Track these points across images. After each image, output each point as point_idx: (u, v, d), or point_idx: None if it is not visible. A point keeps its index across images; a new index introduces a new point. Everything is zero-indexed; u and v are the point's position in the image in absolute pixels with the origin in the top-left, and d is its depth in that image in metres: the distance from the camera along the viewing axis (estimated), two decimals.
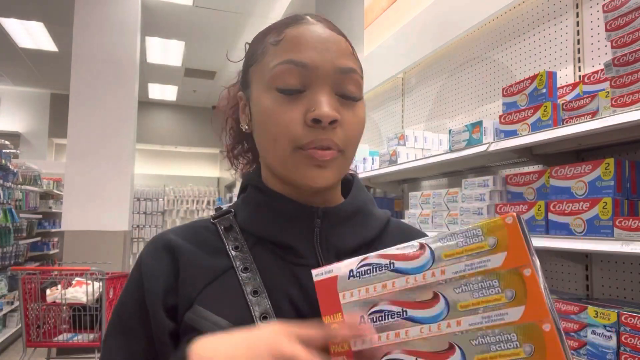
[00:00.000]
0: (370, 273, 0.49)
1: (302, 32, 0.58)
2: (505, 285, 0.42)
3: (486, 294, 0.43)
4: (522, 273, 0.42)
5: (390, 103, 3.26)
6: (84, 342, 3.20)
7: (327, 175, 0.57)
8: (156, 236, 0.63)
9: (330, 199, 0.65)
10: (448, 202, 2.05)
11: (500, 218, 0.44)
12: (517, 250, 0.42)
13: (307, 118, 0.55)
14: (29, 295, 3.21)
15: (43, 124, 9.09)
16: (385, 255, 0.49)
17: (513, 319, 0.42)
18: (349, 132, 0.58)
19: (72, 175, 4.65)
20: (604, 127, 1.23)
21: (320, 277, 0.51)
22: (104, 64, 4.82)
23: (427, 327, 0.45)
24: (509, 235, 0.43)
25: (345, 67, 0.58)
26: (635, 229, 1.19)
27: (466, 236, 0.45)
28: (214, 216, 0.65)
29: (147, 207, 10.16)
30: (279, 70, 0.57)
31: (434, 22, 2.62)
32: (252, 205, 0.64)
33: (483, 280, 0.43)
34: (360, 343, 0.47)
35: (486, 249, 0.44)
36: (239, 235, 0.61)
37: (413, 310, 0.46)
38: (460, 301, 0.44)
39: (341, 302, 0.49)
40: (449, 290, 0.45)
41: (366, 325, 0.47)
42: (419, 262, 0.46)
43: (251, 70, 0.63)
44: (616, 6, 1.32)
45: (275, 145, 0.57)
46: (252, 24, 6.01)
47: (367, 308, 0.48)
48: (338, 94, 0.58)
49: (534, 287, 0.41)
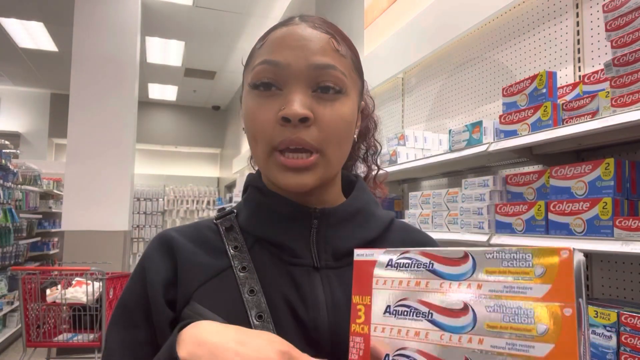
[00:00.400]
0: (408, 267, 0.49)
1: (282, 34, 0.59)
2: (540, 318, 0.40)
3: (518, 321, 0.41)
4: (562, 311, 0.39)
5: (390, 103, 3.26)
6: (84, 342, 3.20)
7: (304, 180, 0.57)
8: (160, 233, 0.64)
9: (329, 200, 0.65)
10: (448, 202, 2.05)
11: (556, 249, 0.41)
12: (564, 287, 0.40)
13: (278, 117, 0.55)
14: (29, 295, 3.20)
15: (43, 124, 9.09)
16: (428, 254, 0.48)
17: (538, 354, 0.39)
18: (326, 129, 0.57)
19: (72, 175, 4.65)
20: (604, 127, 1.23)
21: (360, 258, 0.53)
22: (104, 64, 4.82)
23: (448, 335, 0.44)
24: (560, 269, 0.40)
25: (320, 63, 0.57)
26: (635, 229, 1.19)
27: (514, 258, 0.43)
28: (217, 217, 0.66)
29: (147, 207, 10.16)
30: (256, 70, 0.58)
31: (434, 22, 2.62)
32: (252, 205, 0.65)
33: (518, 306, 0.41)
34: (380, 331, 0.48)
35: (530, 276, 0.42)
36: (238, 235, 0.62)
37: (439, 315, 0.45)
38: (489, 320, 0.42)
39: (373, 287, 0.50)
40: (481, 306, 0.43)
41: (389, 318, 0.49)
42: (459, 270, 0.46)
43: (245, 72, 0.64)
44: (616, 6, 1.32)
45: (256, 146, 0.58)
46: (252, 24, 6.01)
47: (395, 299, 0.49)
48: (316, 90, 0.57)
49: (570, 329, 0.39)
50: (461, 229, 1.87)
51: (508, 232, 1.63)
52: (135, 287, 0.60)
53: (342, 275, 0.60)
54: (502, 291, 0.43)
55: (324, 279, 0.59)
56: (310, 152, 0.57)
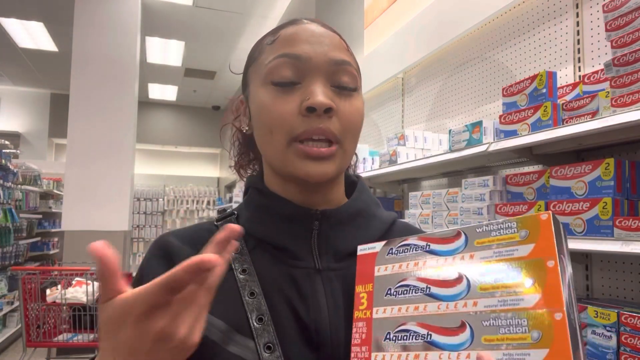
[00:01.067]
0: (407, 252, 0.53)
1: (296, 30, 0.59)
2: (527, 273, 0.44)
3: (506, 279, 0.45)
4: (545, 264, 0.43)
5: (390, 103, 3.26)
6: (84, 342, 3.20)
7: (324, 168, 0.57)
8: (158, 238, 0.64)
9: (332, 199, 0.64)
10: (448, 202, 2.05)
11: (537, 214, 0.46)
12: (545, 243, 0.44)
13: (302, 107, 0.56)
14: (29, 295, 3.21)
15: (43, 124, 9.09)
16: (424, 237, 0.52)
17: (527, 305, 0.43)
18: (346, 121, 0.58)
19: (72, 175, 4.65)
20: (604, 127, 1.23)
21: (363, 252, 0.57)
22: (104, 64, 4.82)
23: (445, 304, 0.47)
24: (541, 229, 0.45)
25: (339, 59, 0.58)
26: (635, 229, 1.19)
27: (501, 227, 0.47)
28: (218, 218, 0.66)
29: (147, 207, 10.16)
30: (273, 64, 0.58)
31: (434, 22, 2.62)
32: (253, 207, 0.64)
33: (507, 267, 0.45)
34: (382, 312, 0.51)
35: (516, 239, 0.46)
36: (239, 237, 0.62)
37: (436, 287, 0.49)
38: (481, 284, 0.46)
39: (375, 274, 0.54)
40: (473, 272, 0.47)
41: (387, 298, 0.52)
42: (453, 246, 0.50)
43: (249, 70, 0.64)
44: (616, 6, 1.32)
45: (272, 138, 0.58)
46: (252, 24, 6.01)
47: (395, 281, 0.52)
48: (333, 85, 0.58)
49: (553, 278, 0.42)
50: None
51: None
52: None
53: (344, 277, 0.60)
54: (492, 257, 0.47)
55: (325, 280, 0.59)
56: (331, 142, 0.57)
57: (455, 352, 0.45)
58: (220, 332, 0.54)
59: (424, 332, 0.47)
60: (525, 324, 0.42)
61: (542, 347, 0.40)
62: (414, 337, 0.48)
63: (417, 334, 0.48)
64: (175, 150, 10.90)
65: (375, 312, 0.51)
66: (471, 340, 0.44)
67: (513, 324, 0.43)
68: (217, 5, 5.55)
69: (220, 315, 0.55)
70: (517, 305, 0.43)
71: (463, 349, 0.44)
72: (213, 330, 0.54)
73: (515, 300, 0.43)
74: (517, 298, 0.43)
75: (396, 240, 0.54)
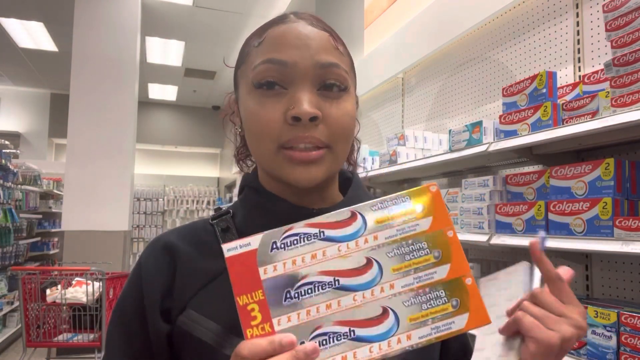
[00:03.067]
0: (297, 244, 0.45)
1: (282, 32, 0.58)
2: (433, 246, 0.46)
3: (416, 255, 0.46)
4: (446, 234, 0.47)
5: (390, 103, 3.26)
6: (84, 342, 3.20)
7: (313, 173, 0.56)
8: (155, 238, 0.63)
9: (327, 197, 0.64)
10: (448, 202, 2.05)
11: (425, 187, 0.48)
12: (441, 215, 0.47)
13: (287, 116, 0.55)
14: (29, 295, 3.21)
15: (43, 124, 9.10)
16: (314, 224, 0.46)
17: (441, 276, 0.45)
18: (334, 126, 0.57)
19: (72, 175, 4.65)
20: (604, 127, 1.23)
21: (233, 252, 0.45)
22: (104, 64, 4.82)
23: (361, 294, 0.44)
24: (434, 202, 0.48)
25: (325, 62, 0.57)
26: (635, 229, 1.19)
27: (395, 203, 0.47)
28: (213, 217, 0.65)
29: (147, 207, 10.16)
30: (259, 70, 0.57)
31: (434, 22, 2.62)
32: (248, 206, 0.64)
33: (413, 243, 0.46)
34: (285, 321, 0.43)
35: (414, 215, 0.47)
36: (235, 237, 0.61)
37: (346, 278, 0.45)
38: (393, 265, 0.45)
39: (262, 278, 0.44)
40: (382, 255, 0.46)
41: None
42: (352, 229, 0.46)
43: (238, 72, 0.63)
44: (616, 6, 1.32)
45: (260, 145, 0.58)
46: (252, 24, 6.01)
47: (293, 282, 0.44)
48: (319, 88, 0.57)
49: (457, 247, 0.46)
50: (461, 229, 1.87)
51: (508, 232, 1.63)
52: (132, 296, 0.60)
53: None
54: (397, 235, 0.46)
55: None
56: (319, 148, 0.57)
57: (386, 341, 0.43)
58: (216, 334, 0.54)
59: (345, 329, 0.43)
60: (444, 295, 0.45)
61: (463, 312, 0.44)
62: (334, 338, 0.43)
63: (337, 334, 0.43)
64: (175, 150, 10.90)
65: (277, 323, 0.43)
66: (397, 324, 0.44)
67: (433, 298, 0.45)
68: (217, 5, 5.55)
69: (218, 319, 0.55)
70: (432, 278, 0.45)
71: (392, 335, 0.43)
72: (208, 334, 0.54)
73: (429, 275, 0.45)
74: (431, 272, 0.45)
75: (276, 232, 0.45)
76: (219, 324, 0.55)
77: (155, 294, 0.58)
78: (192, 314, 0.55)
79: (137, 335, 0.58)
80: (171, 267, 0.59)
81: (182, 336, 0.56)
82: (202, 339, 0.54)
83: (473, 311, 0.44)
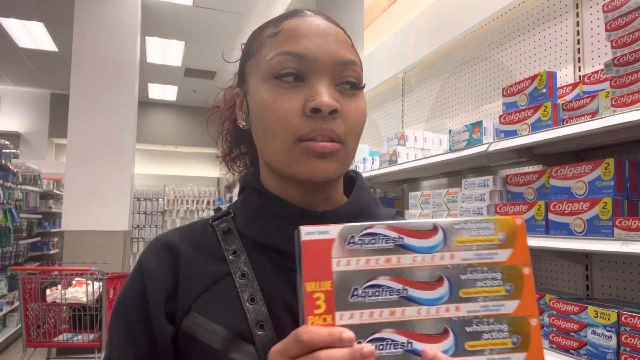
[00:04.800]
0: (374, 243, 0.44)
1: (300, 24, 0.57)
2: (507, 279, 0.45)
3: (489, 284, 0.45)
4: (522, 271, 0.46)
5: (390, 103, 3.26)
6: (84, 342, 3.21)
7: (328, 167, 0.55)
8: (156, 238, 0.62)
9: (332, 199, 0.63)
10: (448, 202, 2.05)
11: (512, 217, 0.47)
12: (522, 250, 0.46)
13: (307, 108, 0.54)
14: (29, 295, 3.21)
15: (43, 124, 9.09)
16: (395, 227, 0.45)
17: (508, 311, 0.45)
18: (350, 122, 0.57)
19: (72, 175, 4.65)
20: (604, 127, 1.23)
21: (310, 237, 0.44)
22: (104, 64, 4.82)
23: (426, 309, 0.44)
24: (517, 234, 0.46)
25: (346, 59, 0.57)
26: (635, 229, 1.19)
27: (479, 227, 0.47)
28: (213, 218, 0.64)
29: (147, 207, 10.16)
30: (276, 61, 0.56)
31: (434, 22, 2.62)
32: (250, 208, 0.62)
33: (488, 272, 0.46)
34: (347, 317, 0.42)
35: (495, 242, 0.46)
36: (237, 239, 0.60)
37: (415, 290, 0.44)
38: (464, 288, 0.45)
39: (333, 269, 0.43)
40: (455, 275, 0.45)
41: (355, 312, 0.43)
42: (431, 242, 0.45)
43: (248, 64, 0.62)
44: (616, 6, 1.32)
45: (275, 138, 0.56)
46: (252, 24, 6.01)
47: (363, 280, 0.44)
48: (337, 84, 0.57)
49: (529, 285, 0.46)
50: None
51: None
52: (134, 297, 0.59)
53: None
54: (474, 259, 0.46)
55: None
56: (334, 142, 0.56)
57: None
58: (221, 338, 0.53)
59: (404, 339, 0.43)
60: (507, 330, 0.44)
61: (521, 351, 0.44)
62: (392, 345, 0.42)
63: (395, 342, 0.42)
64: (175, 150, 10.89)
65: (339, 317, 0.42)
66: (455, 347, 0.43)
67: (495, 330, 0.44)
68: (217, 5, 5.55)
69: (221, 322, 0.54)
70: (499, 311, 0.45)
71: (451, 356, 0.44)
72: (214, 337, 0.53)
73: (497, 306, 0.45)
74: (499, 304, 0.45)
75: (355, 227, 0.44)
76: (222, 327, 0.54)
77: (160, 297, 0.57)
78: (197, 318, 0.55)
79: (140, 337, 0.57)
80: (173, 267, 0.58)
81: (187, 339, 0.55)
82: (207, 343, 0.54)
83: (531, 353, 0.44)
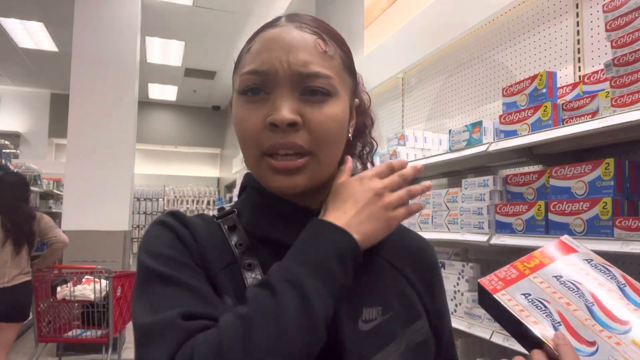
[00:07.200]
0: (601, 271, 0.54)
1: (268, 37, 0.59)
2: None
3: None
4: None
5: (390, 103, 3.26)
6: (92, 337, 3.32)
7: (297, 182, 0.57)
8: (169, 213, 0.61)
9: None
10: (448, 202, 2.05)
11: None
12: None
13: (267, 123, 0.56)
14: (40, 293, 3.31)
15: (43, 124, 9.09)
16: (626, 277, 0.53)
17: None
18: (317, 131, 0.57)
19: (72, 175, 4.65)
20: (604, 127, 1.23)
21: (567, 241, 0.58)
22: (104, 64, 4.82)
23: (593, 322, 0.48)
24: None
25: (304, 72, 0.56)
26: (635, 229, 1.19)
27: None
28: (218, 216, 0.65)
29: (147, 207, 10.16)
30: (243, 79, 0.58)
31: (434, 22, 2.62)
32: (252, 206, 0.64)
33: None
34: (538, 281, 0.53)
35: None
36: (242, 234, 0.62)
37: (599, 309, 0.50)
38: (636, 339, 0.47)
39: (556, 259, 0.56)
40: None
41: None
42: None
43: (233, 77, 0.64)
44: (616, 6, 1.32)
45: (246, 151, 0.59)
46: (252, 24, 6.01)
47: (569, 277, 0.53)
48: (303, 93, 0.57)
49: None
50: (461, 229, 1.87)
51: (508, 232, 1.63)
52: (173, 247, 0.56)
53: None
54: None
55: None
56: (302, 155, 0.57)
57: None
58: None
59: (558, 319, 0.49)
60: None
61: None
62: (546, 314, 0.49)
63: (550, 315, 0.49)
64: (175, 150, 10.89)
65: (534, 277, 0.53)
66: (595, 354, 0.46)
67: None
68: (217, 5, 5.55)
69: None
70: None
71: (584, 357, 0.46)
72: None
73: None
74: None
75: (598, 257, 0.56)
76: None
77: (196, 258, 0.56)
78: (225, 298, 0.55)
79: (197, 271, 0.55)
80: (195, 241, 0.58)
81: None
82: None
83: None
